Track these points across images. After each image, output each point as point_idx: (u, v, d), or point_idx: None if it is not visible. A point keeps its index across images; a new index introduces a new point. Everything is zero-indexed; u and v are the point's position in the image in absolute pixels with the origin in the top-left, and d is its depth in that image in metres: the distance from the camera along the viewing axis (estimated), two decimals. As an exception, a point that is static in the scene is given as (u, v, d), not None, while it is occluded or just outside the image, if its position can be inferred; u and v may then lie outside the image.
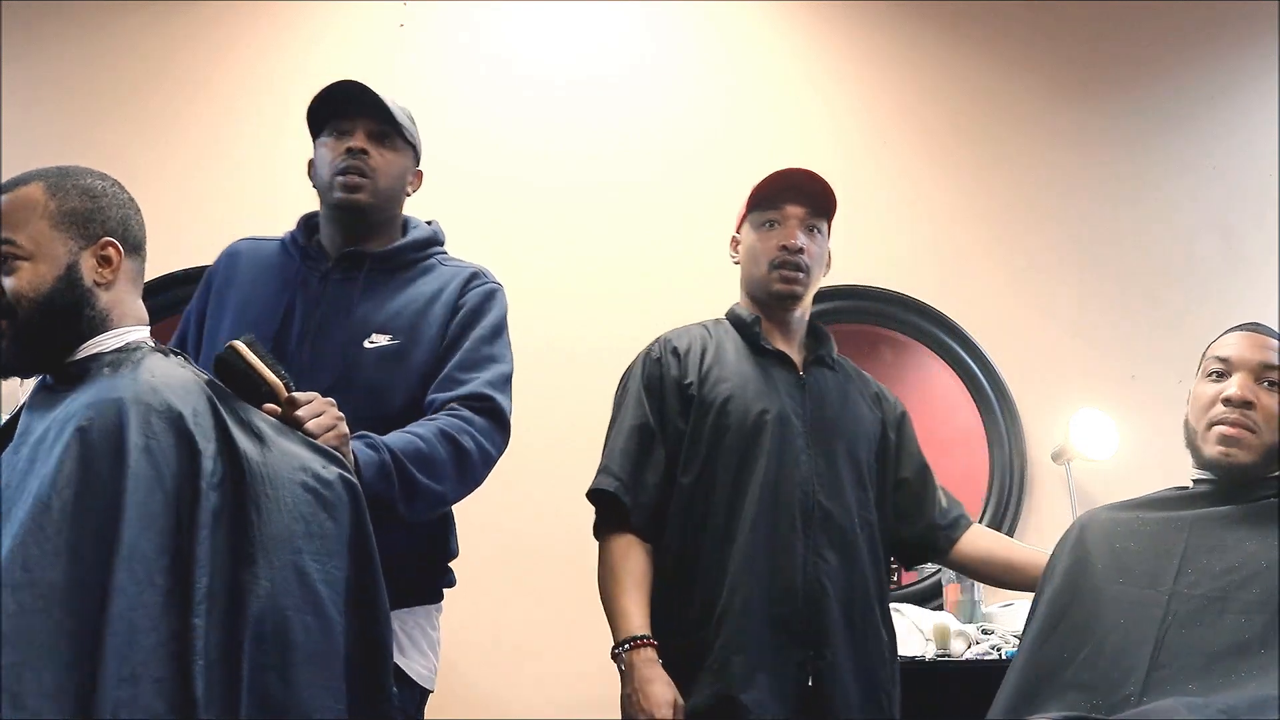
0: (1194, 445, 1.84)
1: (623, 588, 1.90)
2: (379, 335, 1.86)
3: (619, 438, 2.02)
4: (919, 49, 3.58)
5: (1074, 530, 1.87)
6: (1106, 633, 1.69)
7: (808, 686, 1.86)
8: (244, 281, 1.95)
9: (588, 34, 3.49)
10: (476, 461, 1.78)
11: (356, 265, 1.92)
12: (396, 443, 1.67)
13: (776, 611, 1.87)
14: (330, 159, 1.92)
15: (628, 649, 1.85)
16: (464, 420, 1.78)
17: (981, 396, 3.32)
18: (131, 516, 1.25)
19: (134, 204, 1.55)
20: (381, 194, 1.93)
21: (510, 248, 3.30)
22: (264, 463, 1.37)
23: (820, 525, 1.93)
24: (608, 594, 1.93)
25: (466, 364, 1.85)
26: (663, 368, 2.04)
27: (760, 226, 2.08)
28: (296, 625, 1.32)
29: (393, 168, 1.95)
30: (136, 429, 1.30)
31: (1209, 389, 1.82)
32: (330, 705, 1.34)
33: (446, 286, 1.93)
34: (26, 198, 1.46)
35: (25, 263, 1.43)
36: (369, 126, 1.93)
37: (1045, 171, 3.54)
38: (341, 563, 1.41)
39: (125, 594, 1.21)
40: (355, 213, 1.92)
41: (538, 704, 2.97)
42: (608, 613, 1.91)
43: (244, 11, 3.41)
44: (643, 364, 2.08)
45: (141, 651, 1.20)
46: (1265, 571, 1.65)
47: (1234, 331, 1.87)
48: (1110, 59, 3.64)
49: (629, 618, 1.87)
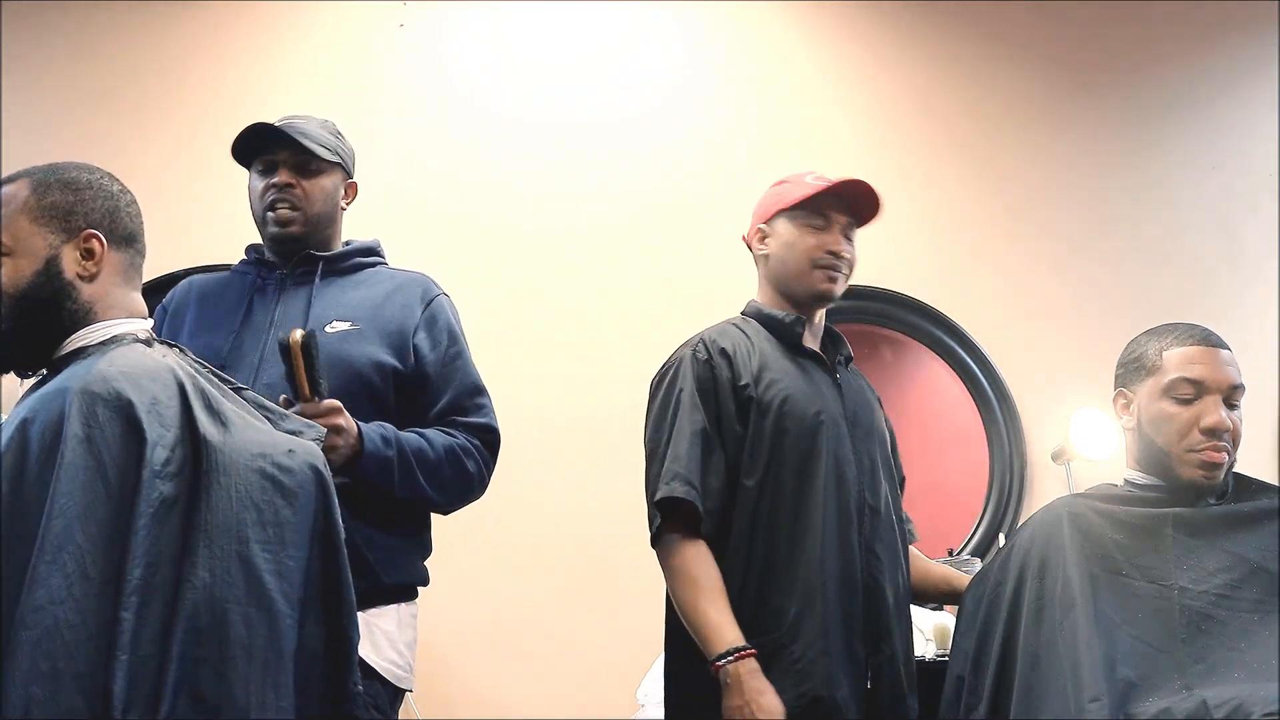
0: (1163, 465, 1.84)
1: (709, 598, 1.85)
2: (339, 323, 1.94)
3: (681, 443, 1.95)
4: (917, 51, 3.57)
5: (1061, 518, 1.82)
6: (1127, 625, 1.67)
7: (868, 684, 1.89)
8: (203, 296, 2.05)
9: (589, 34, 3.48)
10: (475, 485, 2.00)
11: (310, 268, 2.02)
12: (407, 441, 1.86)
13: (845, 610, 1.88)
14: (260, 194, 2.03)
15: (731, 661, 1.80)
16: (475, 447, 1.98)
17: (981, 396, 3.32)
18: (62, 507, 1.21)
19: (125, 196, 1.54)
20: (313, 221, 2.03)
21: (511, 246, 3.30)
22: (222, 449, 1.34)
23: (870, 524, 1.95)
24: (691, 605, 1.87)
25: (468, 390, 2.01)
26: (714, 369, 1.99)
27: (804, 225, 2.05)
28: (236, 618, 1.27)
29: (321, 193, 2.04)
30: (78, 419, 1.27)
31: (1181, 413, 1.82)
32: (273, 702, 1.28)
33: (401, 287, 2.03)
34: (9, 195, 1.47)
35: (5, 259, 1.44)
36: (291, 159, 2.02)
37: (1045, 172, 3.54)
38: (299, 553, 1.36)
39: (47, 586, 1.18)
40: (291, 243, 2.02)
41: (537, 704, 2.96)
42: (694, 624, 1.85)
43: (244, 11, 3.41)
44: (692, 366, 2.01)
45: (64, 646, 1.17)
46: (1258, 572, 1.70)
47: (1191, 345, 1.85)
48: (1110, 59, 3.63)
49: (723, 629, 1.82)
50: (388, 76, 3.39)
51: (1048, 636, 1.69)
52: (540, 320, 3.26)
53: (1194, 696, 1.57)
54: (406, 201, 3.28)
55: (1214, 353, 1.85)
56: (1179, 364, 1.84)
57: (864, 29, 3.58)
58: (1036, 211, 3.50)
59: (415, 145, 3.35)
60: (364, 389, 1.89)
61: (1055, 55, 3.61)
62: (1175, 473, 1.83)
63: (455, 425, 1.96)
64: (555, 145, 3.39)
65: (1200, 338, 1.86)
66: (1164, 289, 3.46)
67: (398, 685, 1.90)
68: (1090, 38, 3.63)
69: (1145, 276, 3.47)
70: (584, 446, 3.17)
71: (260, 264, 2.05)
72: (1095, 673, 1.60)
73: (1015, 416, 3.30)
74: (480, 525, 3.02)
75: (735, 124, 3.46)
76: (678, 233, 3.37)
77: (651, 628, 3.00)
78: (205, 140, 3.27)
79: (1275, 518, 1.79)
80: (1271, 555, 1.74)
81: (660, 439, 1.99)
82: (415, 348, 1.97)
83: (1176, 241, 3.53)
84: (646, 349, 3.24)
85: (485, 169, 3.35)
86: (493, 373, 2.11)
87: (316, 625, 1.38)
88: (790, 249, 2.05)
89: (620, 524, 3.12)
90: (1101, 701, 1.57)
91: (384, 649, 1.87)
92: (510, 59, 3.44)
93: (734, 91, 3.49)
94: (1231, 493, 1.87)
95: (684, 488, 1.91)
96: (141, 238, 1.55)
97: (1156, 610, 1.68)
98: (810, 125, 3.50)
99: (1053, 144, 3.56)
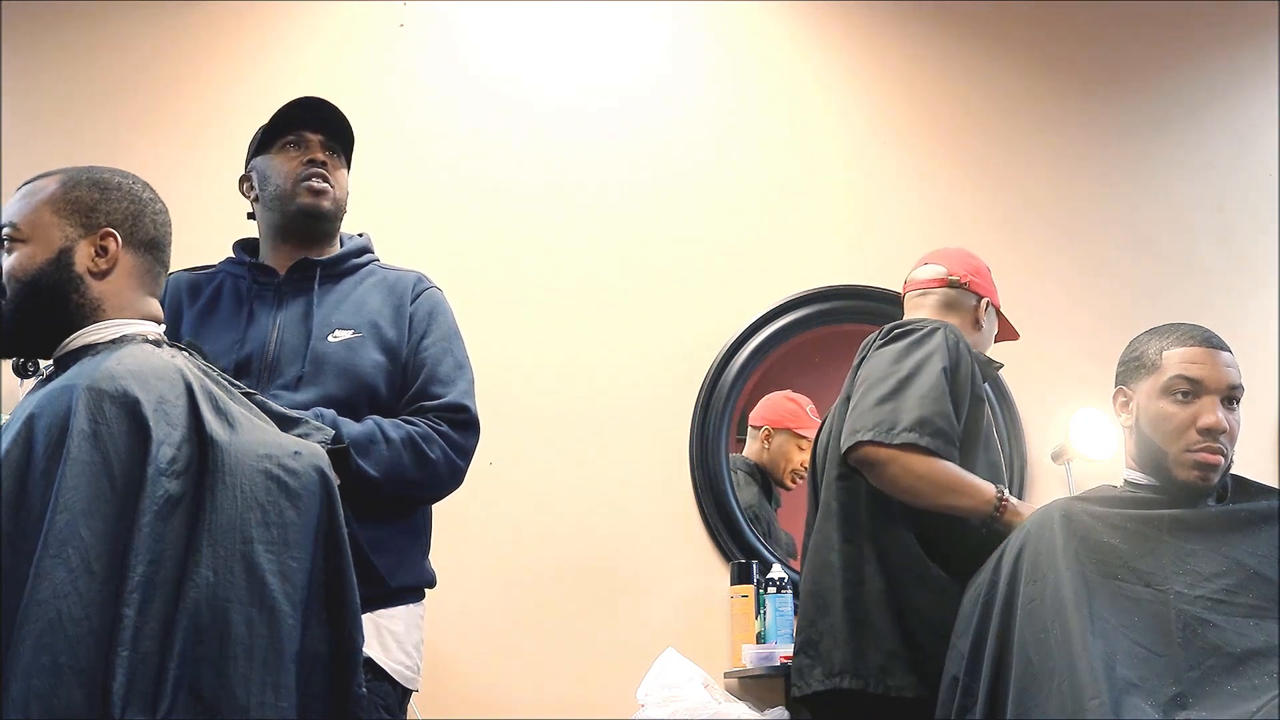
0: (1159, 465, 1.85)
1: (957, 468, 1.97)
2: (341, 331, 1.96)
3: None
4: (919, 51, 3.57)
5: (1054, 520, 1.81)
6: (1124, 629, 1.67)
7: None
8: (194, 295, 2.03)
9: (589, 34, 3.48)
10: (443, 470, 1.91)
11: (308, 274, 2.02)
12: (354, 430, 1.82)
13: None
14: (289, 169, 2.02)
15: (1002, 497, 1.95)
16: (439, 433, 1.91)
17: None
18: (66, 502, 1.22)
19: (154, 205, 1.57)
20: (338, 203, 2.06)
21: (512, 245, 3.30)
22: (228, 450, 1.35)
23: None
24: (951, 479, 1.95)
25: (440, 376, 1.97)
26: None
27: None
28: (238, 618, 1.27)
29: (343, 181, 2.09)
30: (84, 415, 1.28)
31: (1179, 412, 1.83)
32: (272, 702, 1.28)
33: (394, 287, 2.05)
34: (38, 186, 1.52)
35: (22, 245, 1.48)
36: (322, 142, 2.05)
37: (1045, 172, 3.54)
38: (303, 554, 1.37)
39: (50, 581, 1.18)
40: (317, 218, 2.03)
41: (538, 704, 2.96)
42: (960, 490, 1.95)
43: (244, 11, 3.41)
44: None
45: (66, 640, 1.17)
46: (1255, 577, 1.70)
47: (1192, 345, 1.86)
48: (1110, 59, 3.63)
49: (982, 482, 1.97)
50: (387, 76, 3.39)
51: (1042, 637, 1.69)
52: (541, 320, 3.26)
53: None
54: (406, 201, 3.28)
55: (1214, 354, 1.85)
56: (1179, 363, 1.85)
57: (867, 29, 3.58)
58: (1035, 211, 3.50)
59: (415, 145, 3.35)
60: (369, 396, 1.92)
61: (1055, 57, 3.62)
62: (1170, 473, 1.83)
63: (422, 412, 1.93)
64: (556, 145, 3.38)
65: (1201, 338, 1.86)
66: (1164, 289, 3.46)
67: (406, 686, 1.91)
68: (1089, 38, 3.64)
69: (1145, 276, 3.47)
70: (585, 447, 3.17)
71: (256, 268, 2.04)
72: (1093, 672, 1.60)
73: (1015, 416, 3.30)
74: (481, 525, 3.03)
75: (735, 123, 3.46)
76: (679, 232, 3.37)
77: (652, 628, 3.02)
78: (205, 140, 3.27)
79: (1273, 521, 1.79)
80: (1269, 560, 1.73)
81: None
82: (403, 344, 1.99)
83: (1176, 241, 3.53)
84: (653, 349, 3.26)
85: (485, 168, 3.35)
86: (494, 372, 2.12)
87: (320, 627, 1.39)
88: (987, 340, 2.31)
89: (622, 524, 3.13)
90: (1101, 700, 1.57)
91: (393, 650, 1.87)
92: (511, 59, 3.44)
93: (732, 91, 3.49)
94: (1230, 495, 1.87)
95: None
96: (165, 247, 1.57)
97: (1151, 614, 1.68)
98: (810, 126, 3.50)
99: (1052, 144, 3.56)
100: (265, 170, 2.05)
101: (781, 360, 3.31)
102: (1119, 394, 1.93)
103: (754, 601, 2.96)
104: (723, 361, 3.26)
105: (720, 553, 3.14)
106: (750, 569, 3.01)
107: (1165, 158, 3.59)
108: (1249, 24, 3.70)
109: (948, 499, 1.95)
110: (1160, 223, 3.54)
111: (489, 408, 2.06)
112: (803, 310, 3.32)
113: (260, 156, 2.07)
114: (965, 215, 3.47)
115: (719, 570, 3.11)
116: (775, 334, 3.29)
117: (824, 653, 2.02)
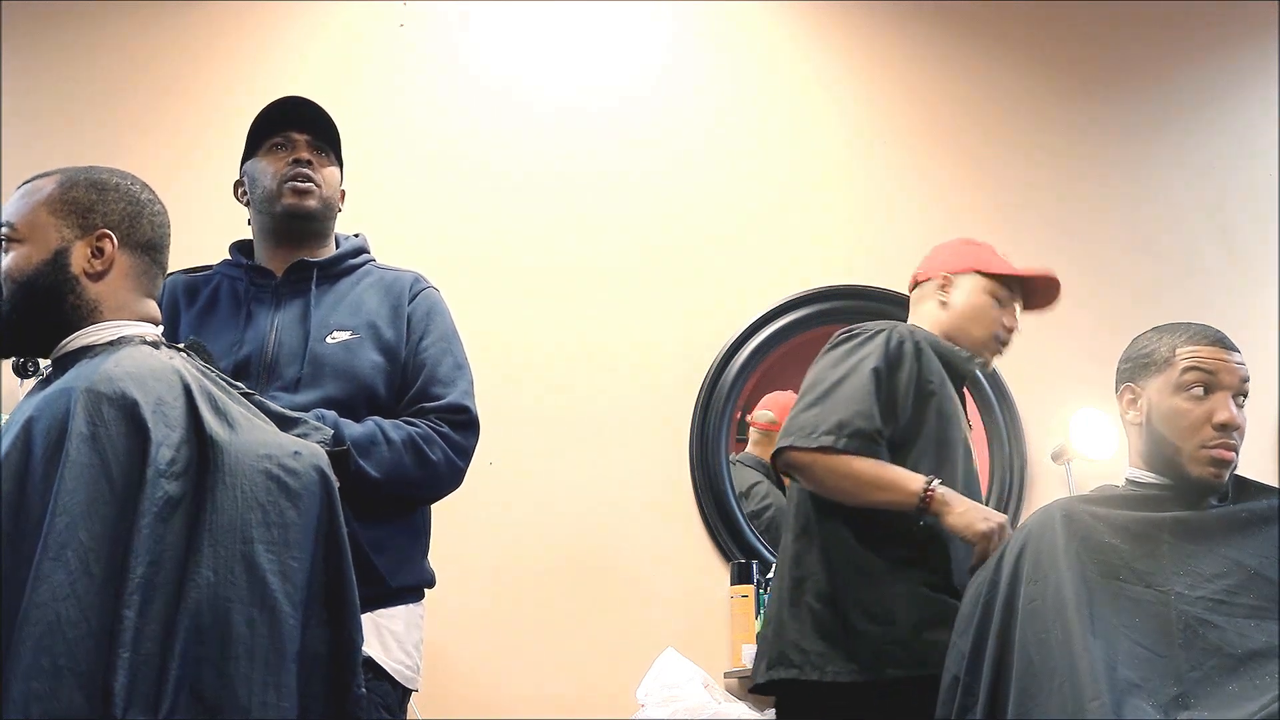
0: (1172, 461, 1.85)
1: (881, 464, 1.99)
2: (339, 332, 1.96)
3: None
4: (919, 51, 3.58)
5: (1055, 520, 1.81)
6: (1124, 629, 1.67)
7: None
8: (190, 298, 2.04)
9: (589, 34, 3.48)
10: (443, 471, 1.91)
11: (304, 276, 2.02)
12: (355, 431, 1.82)
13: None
14: (275, 169, 2.02)
15: (929, 489, 1.95)
16: (440, 434, 1.92)
17: (981, 396, 3.31)
18: (65, 505, 1.22)
19: (152, 206, 1.56)
20: (325, 202, 2.04)
21: (511, 245, 3.30)
22: (228, 450, 1.35)
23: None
24: (871, 476, 1.98)
25: (440, 377, 1.98)
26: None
27: (991, 295, 2.25)
28: (239, 618, 1.27)
29: (332, 179, 2.07)
30: (82, 418, 1.28)
31: (1194, 408, 1.83)
32: (274, 702, 1.28)
33: (391, 288, 2.05)
34: (36, 186, 1.51)
35: (19, 245, 1.48)
36: (309, 141, 2.04)
37: (1045, 172, 3.54)
38: (303, 554, 1.36)
39: (50, 583, 1.18)
40: (304, 219, 2.02)
41: (538, 703, 2.97)
42: (883, 486, 1.97)
43: (244, 11, 3.41)
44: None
45: (66, 643, 1.17)
46: (1256, 578, 1.70)
47: (1205, 344, 1.86)
48: (1110, 59, 3.64)
49: (908, 475, 1.98)
50: (387, 76, 3.39)
51: (1043, 637, 1.68)
52: (541, 320, 3.26)
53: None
54: (406, 200, 3.28)
55: (1226, 350, 1.86)
56: (1194, 360, 1.85)
57: (866, 29, 3.58)
58: (1035, 211, 3.50)
59: (415, 144, 3.35)
60: (367, 397, 1.92)
61: (1055, 57, 3.62)
62: (1184, 469, 1.83)
63: (422, 413, 1.94)
64: (556, 144, 3.39)
65: (1214, 338, 1.88)
66: (1164, 289, 3.46)
67: (406, 686, 1.91)
68: (1089, 38, 3.64)
69: (1145, 276, 3.47)
70: (585, 447, 3.17)
71: (253, 270, 2.04)
72: (1094, 673, 1.59)
73: (1015, 416, 3.30)
74: (481, 525, 3.03)
75: (735, 120, 3.46)
76: (679, 232, 3.37)
77: (652, 628, 3.02)
78: (205, 140, 3.27)
79: (1273, 521, 1.79)
80: (1269, 561, 1.73)
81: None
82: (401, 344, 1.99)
83: (1176, 241, 3.53)
84: (653, 348, 3.26)
85: (485, 168, 3.35)
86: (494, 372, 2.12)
87: (320, 627, 1.38)
88: (976, 311, 2.23)
89: (622, 524, 3.13)
90: (1102, 700, 1.57)
91: (393, 650, 1.87)
92: (511, 58, 3.44)
93: (734, 88, 3.49)
94: (1231, 495, 1.87)
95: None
96: (164, 249, 1.57)
97: (1152, 615, 1.67)
98: (810, 126, 3.50)
99: (1052, 144, 3.56)
100: (254, 173, 2.05)
101: (781, 360, 3.32)
102: (1126, 391, 1.93)
103: (754, 601, 2.96)
104: (723, 361, 3.26)
105: (720, 553, 3.14)
106: (750, 569, 3.01)
107: (1165, 158, 3.59)
108: (1249, 24, 3.71)
109: (874, 495, 1.99)
110: (1160, 223, 3.54)
111: (489, 408, 2.06)
112: (803, 310, 3.32)
113: (250, 160, 2.07)
114: (965, 215, 3.47)
115: (719, 570, 3.11)
116: (775, 334, 3.29)
117: (770, 644, 2.08)
